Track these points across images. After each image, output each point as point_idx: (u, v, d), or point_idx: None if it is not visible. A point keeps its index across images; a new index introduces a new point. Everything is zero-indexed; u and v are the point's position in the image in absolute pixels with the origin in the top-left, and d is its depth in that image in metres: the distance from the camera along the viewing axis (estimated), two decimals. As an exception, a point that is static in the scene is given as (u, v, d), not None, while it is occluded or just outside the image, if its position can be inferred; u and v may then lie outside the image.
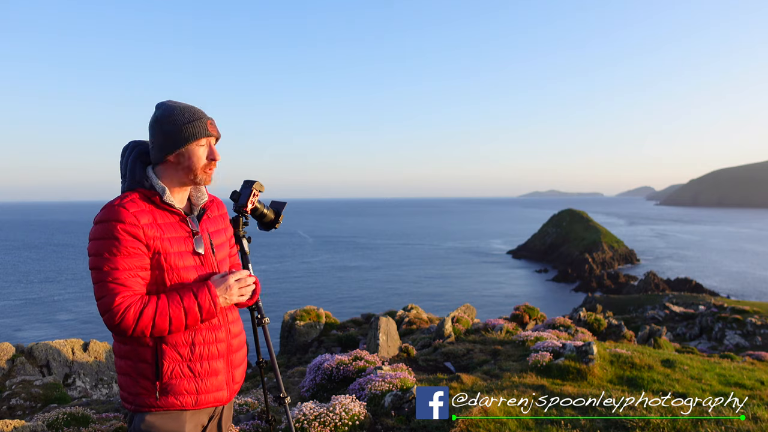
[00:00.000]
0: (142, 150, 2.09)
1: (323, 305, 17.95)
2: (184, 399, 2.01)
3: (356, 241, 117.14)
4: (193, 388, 2.02)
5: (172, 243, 2.00)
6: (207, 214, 2.20)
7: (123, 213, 1.90)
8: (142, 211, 1.95)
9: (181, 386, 2.00)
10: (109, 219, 1.89)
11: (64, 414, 4.58)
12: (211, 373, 2.07)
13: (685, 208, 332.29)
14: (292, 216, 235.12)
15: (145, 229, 1.93)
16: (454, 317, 10.05)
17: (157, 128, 2.02)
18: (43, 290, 59.47)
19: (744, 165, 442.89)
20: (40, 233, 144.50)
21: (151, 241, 1.94)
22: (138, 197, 1.99)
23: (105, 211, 1.92)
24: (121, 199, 1.96)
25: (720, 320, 21.69)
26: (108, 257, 1.88)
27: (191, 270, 2.04)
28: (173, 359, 1.99)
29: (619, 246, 78.20)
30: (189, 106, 2.07)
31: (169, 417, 2.02)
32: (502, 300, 51.29)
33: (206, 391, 2.06)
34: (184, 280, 2.01)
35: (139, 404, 2.00)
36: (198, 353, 2.03)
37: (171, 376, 1.98)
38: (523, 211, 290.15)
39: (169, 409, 2.01)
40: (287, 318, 15.16)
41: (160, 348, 1.97)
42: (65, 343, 11.35)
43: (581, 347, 6.21)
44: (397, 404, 4.55)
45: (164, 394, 1.98)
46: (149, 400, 1.99)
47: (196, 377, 2.03)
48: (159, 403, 1.99)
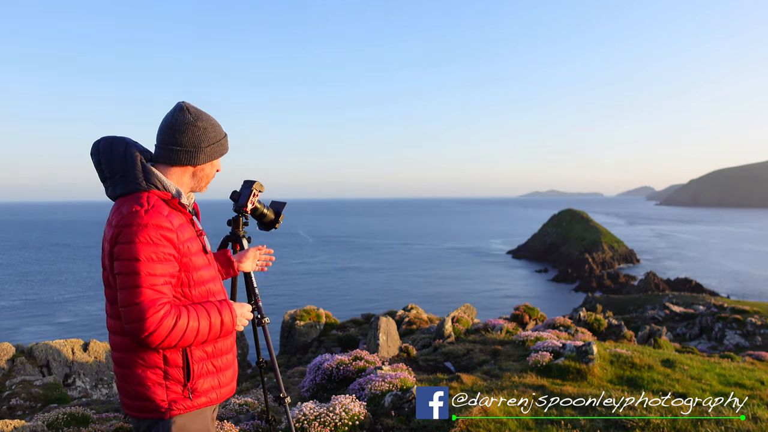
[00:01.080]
0: (138, 148, 2.07)
1: (323, 305, 17.94)
2: (210, 395, 2.09)
3: (356, 241, 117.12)
4: (216, 383, 2.11)
5: (192, 243, 2.04)
6: (197, 214, 2.29)
7: (160, 217, 1.91)
8: (171, 214, 1.98)
9: (208, 383, 2.07)
10: (147, 223, 1.87)
11: (64, 414, 4.57)
12: (227, 366, 2.17)
13: (685, 208, 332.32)
14: (292, 216, 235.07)
15: (178, 233, 1.96)
16: (454, 317, 10.05)
17: (193, 135, 2.06)
18: (43, 290, 59.47)
19: (744, 165, 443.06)
20: (39, 233, 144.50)
21: (182, 245, 1.98)
22: (159, 200, 1.98)
23: (138, 214, 1.88)
24: (149, 201, 1.93)
25: (720, 320, 21.69)
26: (146, 262, 1.85)
27: (205, 269, 2.11)
28: (201, 358, 2.05)
29: (619, 246, 78.21)
30: (213, 119, 2.14)
31: (198, 416, 2.08)
32: (502, 300, 51.29)
33: (224, 385, 2.16)
34: (203, 279, 2.08)
35: (171, 409, 2.00)
36: (219, 348, 2.12)
37: (199, 374, 2.04)
38: (523, 211, 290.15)
39: (198, 408, 2.06)
40: (287, 318, 15.16)
41: (189, 349, 2.01)
42: (65, 343, 11.34)
43: (581, 347, 6.21)
44: (397, 404, 4.55)
45: (196, 395, 2.04)
46: (183, 404, 2.01)
47: (217, 372, 2.12)
48: (193, 405, 2.03)
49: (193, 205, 2.25)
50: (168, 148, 2.06)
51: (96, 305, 50.50)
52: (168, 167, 2.08)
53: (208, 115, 2.12)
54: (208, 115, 2.12)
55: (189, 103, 2.10)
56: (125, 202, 1.94)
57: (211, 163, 2.15)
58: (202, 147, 2.08)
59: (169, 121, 2.06)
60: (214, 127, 2.11)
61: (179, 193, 2.07)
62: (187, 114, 2.06)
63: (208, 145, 2.09)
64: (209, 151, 2.11)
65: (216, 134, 2.12)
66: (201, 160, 2.10)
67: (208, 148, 2.10)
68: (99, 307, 48.30)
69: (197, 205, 2.31)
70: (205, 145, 2.08)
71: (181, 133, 2.04)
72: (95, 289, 58.88)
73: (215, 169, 2.19)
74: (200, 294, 2.06)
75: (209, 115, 2.13)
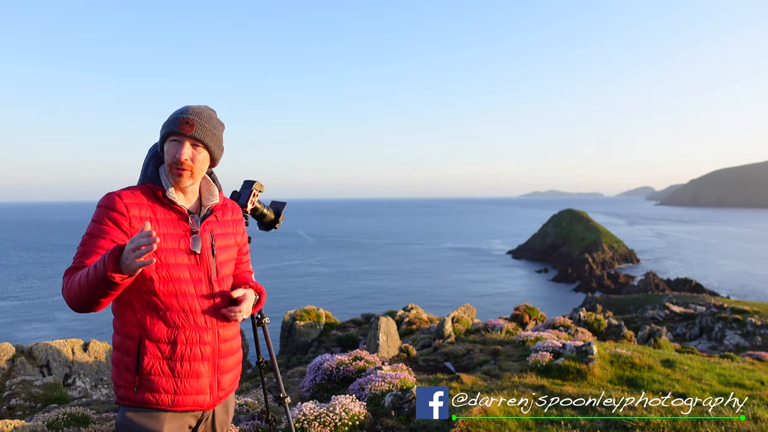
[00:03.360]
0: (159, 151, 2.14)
1: (323, 305, 17.95)
2: (161, 397, 1.97)
3: (356, 241, 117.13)
4: (171, 387, 1.98)
5: (165, 239, 1.98)
6: (215, 215, 2.16)
7: (116, 201, 1.96)
8: (137, 204, 1.98)
9: (159, 384, 1.97)
10: (102, 204, 1.97)
11: (64, 414, 4.57)
12: (193, 375, 2.01)
13: (685, 208, 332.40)
14: (292, 216, 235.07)
15: (132, 220, 1.95)
16: (454, 317, 10.05)
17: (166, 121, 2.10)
18: (42, 290, 59.49)
19: (744, 165, 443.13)
20: (39, 233, 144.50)
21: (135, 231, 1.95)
22: (141, 191, 2.03)
23: (103, 196, 1.99)
24: (122, 189, 2.02)
25: (720, 320, 21.70)
26: (88, 238, 1.93)
27: (183, 268, 2.00)
28: (154, 355, 1.96)
29: (619, 246, 78.22)
30: (189, 106, 2.07)
31: (148, 415, 1.99)
32: (502, 300, 51.29)
33: (185, 393, 2.00)
34: (174, 277, 1.98)
35: (120, 396, 2.01)
36: (179, 353, 1.98)
37: (150, 372, 1.96)
38: (523, 211, 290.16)
39: (146, 406, 1.98)
40: (287, 318, 15.16)
41: (143, 342, 1.96)
42: (65, 343, 11.34)
43: (581, 347, 6.21)
44: (397, 404, 4.54)
45: (142, 390, 1.97)
46: (128, 394, 1.98)
47: (175, 377, 1.98)
48: (136, 398, 1.97)
49: (214, 205, 2.17)
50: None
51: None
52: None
53: (190, 105, 2.07)
54: (187, 106, 2.08)
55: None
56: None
57: (165, 147, 2.04)
58: (162, 126, 2.06)
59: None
60: (176, 110, 2.06)
61: (167, 186, 2.05)
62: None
63: (165, 123, 2.06)
64: (163, 130, 2.05)
65: (170, 116, 2.05)
66: (161, 143, 2.07)
67: (163, 126, 2.05)
68: (99, 307, 48.21)
69: (230, 207, 2.25)
70: (164, 124, 2.06)
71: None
72: (95, 289, 58.77)
73: (169, 155, 2.02)
74: (167, 291, 1.96)
75: (189, 105, 2.07)
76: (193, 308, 2.01)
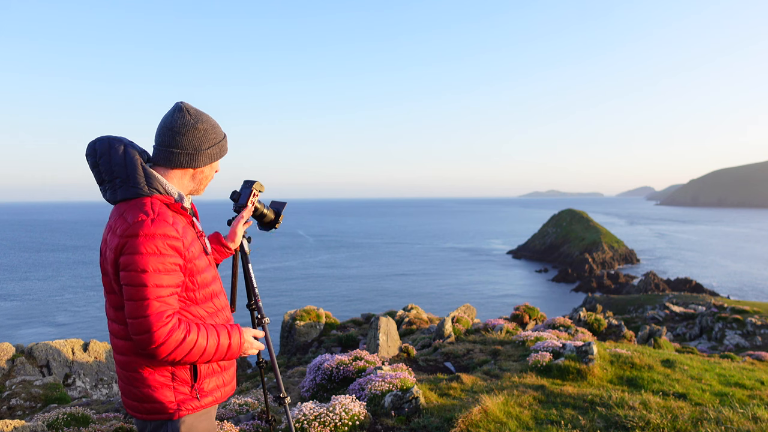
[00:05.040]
0: (137, 149, 2.02)
1: (323, 305, 17.96)
2: (215, 394, 2.11)
3: (356, 241, 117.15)
4: (221, 382, 2.14)
5: (194, 246, 2.01)
6: (196, 216, 2.24)
7: (166, 225, 1.87)
8: (176, 219, 1.96)
9: (213, 383, 2.09)
10: (154, 233, 1.84)
11: (64, 414, 4.57)
12: (229, 366, 2.20)
13: (685, 208, 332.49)
14: (292, 216, 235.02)
15: (184, 239, 1.94)
16: (454, 317, 10.05)
17: (194, 138, 2.02)
18: (43, 290, 59.49)
19: (744, 165, 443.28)
20: (39, 233, 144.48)
21: (187, 251, 1.95)
22: (162, 205, 1.95)
23: (144, 223, 1.85)
24: (153, 209, 1.90)
25: (720, 320, 21.69)
26: (153, 273, 1.83)
27: (207, 270, 2.09)
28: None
29: (619, 246, 78.23)
30: (213, 120, 2.11)
31: (205, 415, 2.10)
32: (502, 300, 51.32)
33: (227, 383, 2.18)
34: (207, 281, 2.07)
35: (180, 410, 2.00)
36: None
37: (206, 374, 2.06)
38: (523, 211, 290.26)
39: (205, 408, 2.08)
40: (287, 318, 15.16)
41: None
42: (65, 343, 11.34)
43: (581, 347, 6.21)
44: (397, 404, 4.54)
45: (204, 394, 2.06)
46: (191, 404, 2.03)
47: (221, 371, 2.14)
48: (200, 405, 2.05)
49: (191, 206, 2.22)
50: (168, 151, 2.01)
51: (96, 305, 50.52)
52: (168, 170, 2.04)
53: (208, 115, 2.08)
54: (207, 116, 2.07)
55: (188, 103, 2.05)
56: (129, 210, 1.89)
57: (210, 165, 2.13)
58: (203, 149, 2.05)
59: (168, 122, 2.00)
60: (214, 129, 2.08)
61: (181, 197, 2.05)
62: (187, 115, 2.01)
63: (209, 147, 2.06)
64: (209, 154, 2.07)
65: (216, 136, 2.09)
66: (201, 163, 2.07)
67: (209, 151, 2.07)
68: (99, 308, 48.32)
69: (195, 206, 2.28)
70: (205, 148, 2.05)
71: (181, 135, 2.00)
72: (95, 290, 58.92)
73: (214, 171, 2.17)
74: (204, 296, 2.05)
75: (209, 116, 2.08)
76: (223, 305, 2.18)
